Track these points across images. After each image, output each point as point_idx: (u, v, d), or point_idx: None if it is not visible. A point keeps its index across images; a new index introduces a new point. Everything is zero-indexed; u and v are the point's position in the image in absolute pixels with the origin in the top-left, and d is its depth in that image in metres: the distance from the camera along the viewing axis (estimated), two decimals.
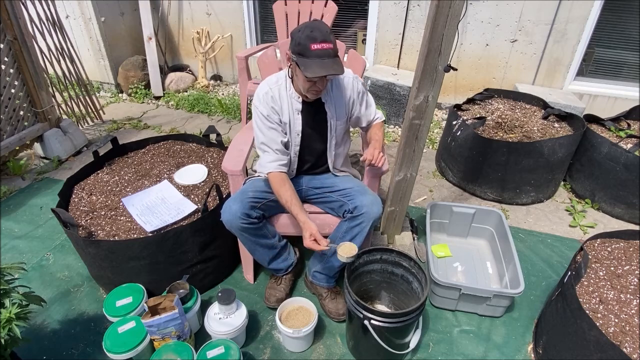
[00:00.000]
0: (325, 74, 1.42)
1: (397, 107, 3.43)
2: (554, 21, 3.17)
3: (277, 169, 1.63)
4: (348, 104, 1.71)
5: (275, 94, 1.61)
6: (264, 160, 1.65)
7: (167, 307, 1.54)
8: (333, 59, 1.43)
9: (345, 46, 2.08)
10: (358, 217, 1.62)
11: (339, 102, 1.68)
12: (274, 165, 1.63)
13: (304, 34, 1.42)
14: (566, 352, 1.48)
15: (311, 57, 1.41)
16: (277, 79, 1.65)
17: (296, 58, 1.45)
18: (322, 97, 1.64)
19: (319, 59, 1.41)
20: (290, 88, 1.63)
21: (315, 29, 1.41)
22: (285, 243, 1.84)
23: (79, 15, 3.65)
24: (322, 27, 1.43)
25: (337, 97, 1.67)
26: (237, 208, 1.59)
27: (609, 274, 1.60)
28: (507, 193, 2.58)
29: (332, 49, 1.43)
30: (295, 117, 1.64)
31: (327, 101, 1.66)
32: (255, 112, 1.64)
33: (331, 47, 1.42)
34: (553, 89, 3.43)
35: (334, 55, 1.44)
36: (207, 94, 4.02)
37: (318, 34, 1.40)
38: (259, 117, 1.62)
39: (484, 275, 2.06)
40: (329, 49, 1.41)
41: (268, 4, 3.83)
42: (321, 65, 1.41)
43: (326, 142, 1.74)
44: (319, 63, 1.41)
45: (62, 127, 2.98)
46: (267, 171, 1.64)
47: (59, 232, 2.30)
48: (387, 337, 1.47)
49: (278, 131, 1.64)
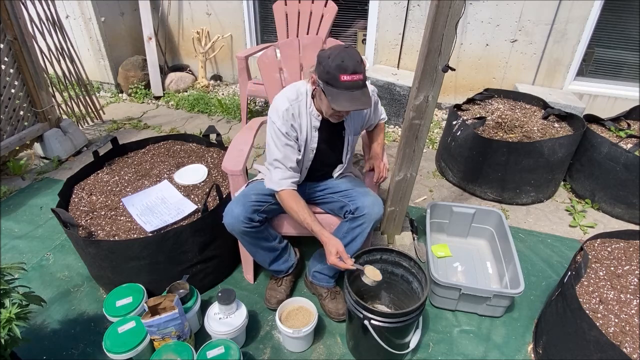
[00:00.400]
0: (353, 108, 1.38)
1: (397, 107, 3.43)
2: (554, 21, 3.17)
3: (290, 187, 1.57)
4: (365, 118, 1.72)
5: (295, 111, 1.55)
6: (276, 177, 1.57)
7: (167, 307, 1.54)
8: (362, 90, 1.38)
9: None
10: (359, 217, 1.62)
11: (357, 118, 1.67)
12: (287, 182, 1.57)
13: (334, 62, 1.34)
14: (566, 352, 1.48)
15: (340, 88, 1.36)
16: (298, 94, 1.57)
17: (323, 86, 1.39)
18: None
19: (348, 91, 1.35)
20: (310, 105, 1.57)
21: (347, 58, 1.34)
22: (286, 244, 1.84)
23: (79, 15, 3.65)
24: (354, 55, 1.36)
25: (357, 113, 1.65)
26: (239, 212, 1.58)
27: (609, 274, 1.60)
28: (507, 193, 2.58)
29: (362, 80, 1.37)
30: (313, 135, 1.61)
31: (346, 118, 1.63)
32: (273, 127, 1.55)
33: (361, 79, 1.36)
34: (553, 89, 3.43)
35: (363, 85, 1.39)
36: (207, 94, 4.02)
37: (349, 64, 1.34)
38: (276, 134, 1.54)
39: (484, 275, 2.06)
40: (359, 80, 1.36)
41: (268, 4, 3.83)
42: (350, 98, 1.36)
43: (340, 156, 1.74)
44: (348, 96, 1.36)
45: (62, 127, 2.98)
46: (280, 189, 1.57)
47: (59, 232, 2.30)
48: (387, 337, 1.47)
49: (294, 148, 1.58)
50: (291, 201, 1.56)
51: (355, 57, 1.36)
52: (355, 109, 1.38)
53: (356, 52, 1.39)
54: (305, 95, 1.57)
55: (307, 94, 1.57)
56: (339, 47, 1.40)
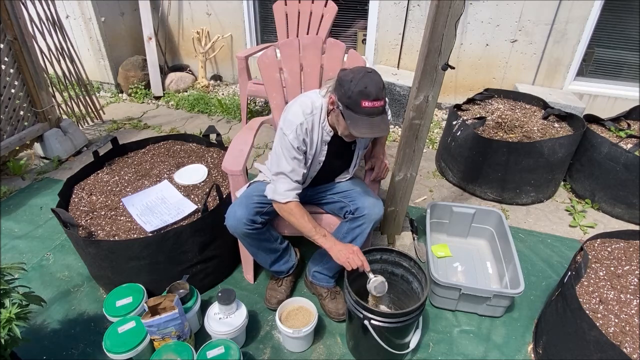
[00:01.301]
0: (372, 135, 1.37)
1: (397, 107, 3.43)
2: (554, 21, 3.17)
3: (295, 199, 1.55)
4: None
5: (309, 125, 1.51)
6: (281, 189, 1.53)
7: (167, 307, 1.54)
8: (381, 116, 1.37)
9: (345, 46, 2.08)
10: (359, 218, 1.62)
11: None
12: (292, 194, 1.54)
13: (357, 87, 1.32)
14: (566, 352, 1.48)
15: (360, 114, 1.34)
16: (312, 108, 1.52)
17: (343, 109, 1.37)
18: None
19: (369, 117, 1.34)
20: (324, 120, 1.54)
21: (370, 84, 1.32)
22: (287, 245, 1.84)
23: (79, 15, 3.65)
24: (377, 80, 1.35)
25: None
26: (242, 214, 1.58)
27: (609, 274, 1.60)
28: (507, 193, 2.58)
29: (382, 106, 1.36)
30: (322, 148, 1.59)
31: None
32: (284, 139, 1.51)
33: (382, 105, 1.35)
34: (553, 89, 3.43)
35: (384, 111, 1.37)
36: (207, 94, 4.02)
37: (373, 91, 1.32)
38: (287, 147, 1.50)
39: (484, 275, 2.06)
40: (380, 106, 1.34)
41: (268, 4, 3.83)
42: (370, 125, 1.34)
43: (347, 166, 1.74)
44: (368, 122, 1.34)
45: (62, 127, 2.98)
46: (286, 200, 1.53)
47: (59, 232, 2.30)
48: (387, 337, 1.47)
49: (301, 162, 1.55)
50: (296, 213, 1.54)
51: (379, 83, 1.35)
52: (374, 135, 1.37)
53: (379, 78, 1.36)
54: (320, 110, 1.53)
55: (322, 109, 1.53)
56: (362, 70, 1.37)
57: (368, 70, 1.38)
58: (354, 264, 1.48)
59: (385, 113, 1.41)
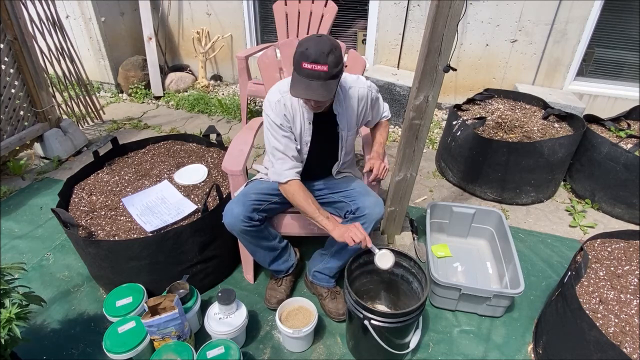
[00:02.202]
0: (305, 97, 1.35)
1: (397, 107, 3.43)
2: (554, 21, 3.17)
3: (295, 177, 1.55)
4: (360, 115, 1.66)
5: (287, 102, 1.53)
6: (280, 168, 1.54)
7: (167, 307, 1.54)
8: (323, 81, 1.33)
9: (345, 46, 2.08)
10: (360, 218, 1.62)
11: (351, 113, 1.62)
12: (292, 172, 1.54)
13: (300, 48, 1.33)
14: (566, 352, 1.48)
15: (301, 75, 1.34)
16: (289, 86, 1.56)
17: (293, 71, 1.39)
18: (335, 108, 1.58)
19: (307, 79, 1.33)
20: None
21: (312, 47, 1.31)
22: (286, 244, 1.84)
23: (79, 15, 3.65)
24: (321, 45, 1.31)
25: (350, 108, 1.61)
26: (239, 211, 1.58)
27: (609, 274, 1.60)
28: (507, 193, 2.58)
29: (325, 72, 1.31)
30: (306, 127, 1.59)
31: (339, 113, 1.59)
32: (267, 120, 1.55)
33: (324, 70, 1.31)
34: (553, 89, 3.43)
35: (327, 77, 1.33)
36: (207, 94, 4.02)
37: (312, 53, 1.30)
38: (272, 125, 1.54)
39: (484, 275, 2.06)
40: (320, 71, 1.31)
41: (268, 4, 3.83)
42: (306, 87, 1.33)
43: (335, 153, 1.72)
44: (305, 84, 1.33)
45: (62, 127, 2.98)
46: (286, 179, 1.54)
47: (59, 232, 2.30)
48: (387, 337, 1.47)
49: (291, 139, 1.56)
50: (299, 192, 1.53)
51: (323, 47, 1.31)
52: (308, 97, 1.36)
53: (327, 44, 1.33)
54: None
55: None
56: (312, 35, 1.38)
57: (318, 35, 1.37)
58: (356, 238, 1.45)
59: (332, 80, 1.35)
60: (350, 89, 1.60)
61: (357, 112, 1.64)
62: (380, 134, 1.84)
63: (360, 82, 1.63)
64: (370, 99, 1.67)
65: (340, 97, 1.58)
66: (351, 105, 1.61)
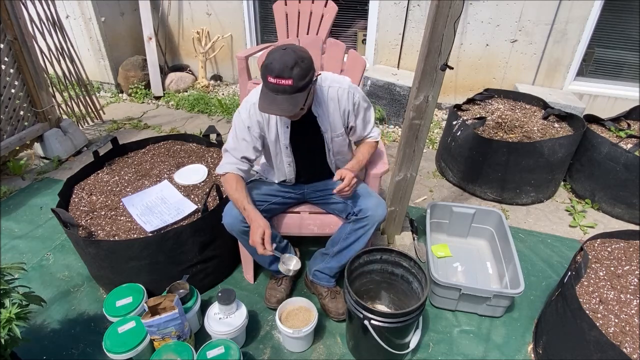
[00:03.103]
0: (270, 112, 1.33)
1: (397, 107, 3.43)
2: (554, 21, 3.17)
3: (234, 171, 1.58)
4: (343, 116, 1.60)
5: None
6: (223, 162, 1.61)
7: (167, 307, 1.54)
8: (289, 95, 1.30)
9: (345, 46, 2.09)
10: (362, 219, 1.62)
11: (333, 115, 1.57)
12: (231, 167, 1.58)
13: (266, 61, 1.30)
14: (566, 352, 1.48)
15: (267, 88, 1.32)
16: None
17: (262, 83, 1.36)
18: (314, 110, 1.54)
19: (272, 93, 1.31)
20: None
21: (275, 60, 1.27)
22: (286, 244, 1.84)
23: (79, 15, 3.65)
24: (285, 58, 1.26)
25: (331, 110, 1.57)
26: (238, 212, 1.58)
27: (609, 274, 1.60)
28: (507, 193, 2.58)
29: (290, 85, 1.28)
30: (284, 131, 1.56)
31: (319, 115, 1.56)
32: (238, 117, 1.56)
33: (289, 84, 1.27)
34: (553, 89, 3.43)
35: (292, 91, 1.29)
36: (207, 94, 4.02)
37: (276, 67, 1.26)
38: (238, 125, 1.56)
39: (484, 275, 2.06)
40: (285, 85, 1.27)
41: (268, 4, 3.83)
42: (270, 102, 1.31)
43: (323, 155, 1.69)
44: (270, 98, 1.31)
45: (62, 127, 2.98)
46: (223, 172, 1.59)
47: (59, 232, 2.30)
48: (387, 337, 1.47)
49: (249, 144, 1.57)
50: (230, 183, 1.56)
51: (287, 61, 1.26)
52: (273, 113, 1.33)
53: (292, 56, 1.27)
54: None
55: None
56: (281, 46, 1.32)
57: (283, 47, 1.31)
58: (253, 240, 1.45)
59: (299, 94, 1.31)
60: (330, 88, 1.54)
61: (339, 112, 1.58)
62: (362, 152, 1.71)
63: (342, 82, 1.56)
64: (353, 102, 1.58)
65: (319, 98, 1.54)
66: (333, 106, 1.56)
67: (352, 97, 1.57)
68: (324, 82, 1.55)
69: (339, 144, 1.67)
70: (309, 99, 1.40)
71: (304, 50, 1.35)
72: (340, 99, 1.56)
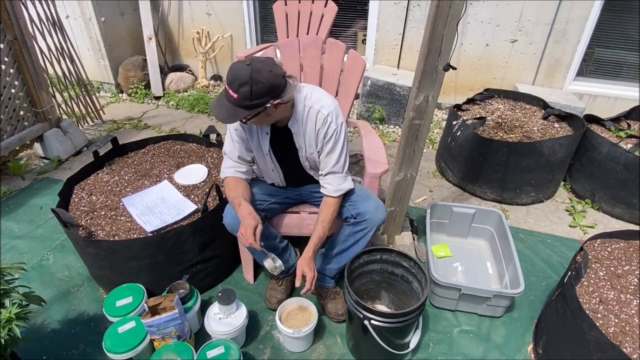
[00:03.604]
0: (212, 110, 1.39)
1: (397, 107, 3.43)
2: (554, 21, 3.17)
3: (232, 174, 1.63)
4: (316, 139, 1.54)
5: None
6: (223, 166, 1.67)
7: (167, 307, 1.54)
8: (232, 106, 1.33)
9: (345, 46, 2.08)
10: (362, 222, 1.61)
11: (309, 135, 1.54)
12: (230, 171, 1.64)
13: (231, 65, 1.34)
14: (566, 352, 1.48)
15: (223, 93, 1.36)
16: None
17: None
18: (291, 126, 1.52)
19: (225, 98, 1.35)
20: None
21: (231, 73, 1.31)
22: (286, 244, 1.84)
23: (79, 15, 3.65)
24: (238, 72, 1.29)
25: (308, 130, 1.53)
26: None
27: (609, 274, 1.60)
28: (507, 193, 2.58)
29: (235, 99, 1.31)
30: (263, 138, 1.57)
31: (295, 132, 1.54)
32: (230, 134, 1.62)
33: (233, 97, 1.31)
34: (553, 89, 3.43)
35: (235, 105, 1.32)
36: (207, 94, 4.02)
37: (230, 78, 1.31)
38: (230, 127, 1.60)
39: (484, 276, 2.06)
40: (231, 97, 1.32)
41: (268, 4, 3.83)
42: (219, 105, 1.36)
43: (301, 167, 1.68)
44: (219, 100, 1.36)
45: (62, 127, 2.98)
46: (224, 176, 1.65)
47: (59, 232, 2.30)
48: (387, 337, 1.47)
49: (242, 145, 1.61)
50: (229, 186, 1.61)
51: (239, 77, 1.29)
52: (213, 114, 1.39)
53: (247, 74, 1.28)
54: None
55: None
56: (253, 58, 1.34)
57: (247, 62, 1.32)
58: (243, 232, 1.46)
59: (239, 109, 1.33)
60: (311, 109, 1.50)
61: (315, 133, 1.53)
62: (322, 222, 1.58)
63: (325, 106, 1.50)
64: (326, 130, 1.50)
65: (298, 115, 1.51)
66: (309, 126, 1.52)
67: (327, 123, 1.50)
68: (307, 101, 1.51)
69: (315, 161, 1.64)
70: (260, 117, 1.40)
71: (267, 74, 1.31)
72: (317, 121, 1.51)
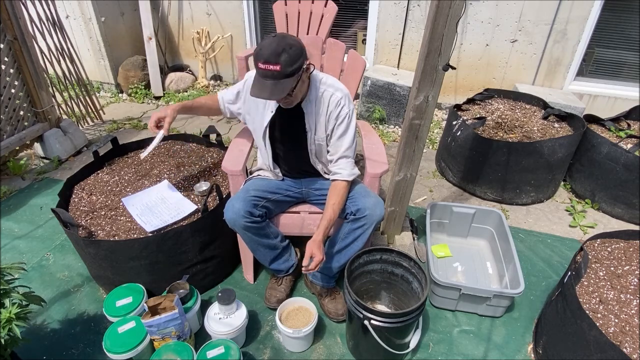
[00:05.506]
0: (259, 97, 1.37)
1: (397, 107, 3.43)
2: (554, 21, 3.17)
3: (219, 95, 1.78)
4: (327, 122, 1.58)
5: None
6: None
7: (167, 307, 1.54)
8: (277, 80, 1.35)
9: (345, 46, 2.08)
10: (361, 219, 1.61)
11: (320, 118, 1.57)
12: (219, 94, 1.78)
13: (257, 49, 1.36)
14: (566, 352, 1.48)
15: (258, 74, 1.38)
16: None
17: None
18: (304, 106, 1.56)
19: (262, 78, 1.36)
20: None
21: (265, 47, 1.33)
22: (287, 244, 1.84)
23: (79, 15, 3.65)
24: (274, 44, 1.32)
25: (320, 111, 1.57)
26: (240, 206, 1.58)
27: (609, 274, 1.60)
28: (507, 193, 2.58)
29: (278, 71, 1.32)
30: (266, 114, 1.60)
31: (308, 112, 1.57)
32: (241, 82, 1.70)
33: (276, 70, 1.32)
34: (553, 89, 3.43)
35: (280, 77, 1.34)
36: (207, 94, 4.02)
37: (265, 53, 1.32)
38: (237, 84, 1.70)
39: (484, 276, 2.06)
40: (273, 70, 1.32)
41: (268, 4, 3.83)
42: (260, 86, 1.36)
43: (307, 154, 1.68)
44: (260, 84, 1.37)
45: (62, 127, 2.98)
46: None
47: (59, 232, 2.30)
48: (387, 337, 1.47)
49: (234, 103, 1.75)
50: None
51: (276, 47, 1.32)
52: (261, 97, 1.38)
53: (281, 43, 1.32)
54: None
55: None
56: (272, 34, 1.38)
57: (274, 35, 1.37)
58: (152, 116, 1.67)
59: (286, 79, 1.35)
60: (325, 91, 1.56)
61: (326, 115, 1.57)
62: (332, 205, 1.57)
63: (339, 89, 1.57)
64: (339, 111, 1.55)
65: (312, 95, 1.55)
66: (322, 107, 1.56)
67: (340, 105, 1.56)
68: (321, 84, 1.56)
69: (321, 146, 1.65)
70: (298, 86, 1.44)
71: (294, 38, 1.39)
72: (330, 103, 1.56)
